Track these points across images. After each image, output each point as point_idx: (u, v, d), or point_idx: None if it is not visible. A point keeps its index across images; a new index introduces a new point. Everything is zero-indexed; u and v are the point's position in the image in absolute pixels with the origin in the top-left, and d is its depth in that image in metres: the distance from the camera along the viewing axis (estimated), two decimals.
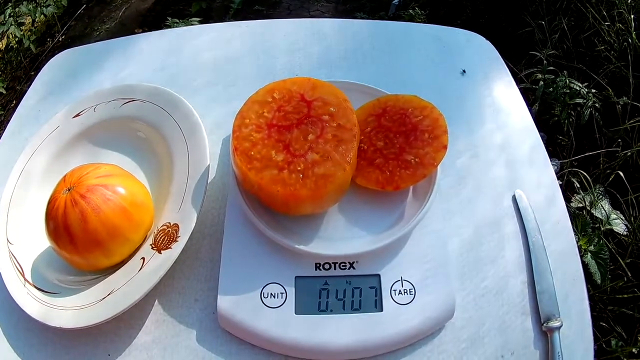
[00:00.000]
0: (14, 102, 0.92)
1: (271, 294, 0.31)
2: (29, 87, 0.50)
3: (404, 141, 0.34)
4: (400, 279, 0.31)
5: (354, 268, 0.32)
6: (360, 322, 0.30)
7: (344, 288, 0.31)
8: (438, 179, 0.34)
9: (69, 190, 0.32)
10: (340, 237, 0.32)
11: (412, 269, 0.32)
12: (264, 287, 0.31)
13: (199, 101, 0.41)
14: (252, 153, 0.30)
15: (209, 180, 0.35)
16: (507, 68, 0.50)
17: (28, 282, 0.34)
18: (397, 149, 0.34)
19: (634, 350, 0.60)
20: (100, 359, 0.32)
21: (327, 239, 0.32)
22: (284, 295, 0.31)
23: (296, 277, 0.31)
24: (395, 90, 0.39)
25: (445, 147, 0.34)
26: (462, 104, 0.46)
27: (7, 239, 0.36)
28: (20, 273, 0.35)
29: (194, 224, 0.32)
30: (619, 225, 0.63)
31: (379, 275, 0.31)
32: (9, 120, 0.47)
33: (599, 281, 0.59)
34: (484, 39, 0.53)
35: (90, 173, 0.33)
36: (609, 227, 0.62)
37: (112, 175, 0.33)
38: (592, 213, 0.63)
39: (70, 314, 0.32)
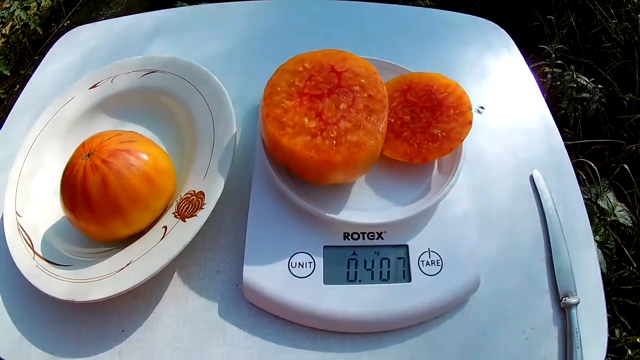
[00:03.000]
0: (18, 86, 0.90)
1: (299, 263, 0.30)
2: (33, 71, 0.49)
3: (430, 116, 0.35)
4: (427, 250, 0.31)
5: (382, 238, 0.31)
6: (389, 293, 0.30)
7: (372, 258, 0.31)
8: (464, 153, 0.34)
9: (88, 155, 0.31)
10: (368, 208, 0.32)
11: (439, 241, 0.32)
12: (291, 257, 0.31)
13: (218, 75, 0.40)
14: (285, 120, 0.29)
15: None
16: (520, 54, 0.50)
17: (38, 254, 0.33)
18: (424, 123, 0.34)
19: (638, 340, 0.61)
20: (114, 335, 0.31)
21: (355, 209, 0.32)
22: (312, 265, 0.31)
23: (324, 246, 0.31)
24: (413, 70, 0.39)
25: (470, 122, 0.34)
26: (478, 87, 0.46)
27: (16, 212, 0.35)
28: (30, 246, 0.34)
29: (221, 190, 0.31)
30: (624, 217, 0.65)
31: (407, 246, 0.31)
32: (12, 105, 0.46)
33: (604, 270, 0.59)
34: (498, 26, 0.54)
35: (113, 138, 0.32)
36: (614, 218, 0.63)
37: (135, 141, 0.33)
38: (598, 204, 0.64)
39: (84, 286, 0.30)
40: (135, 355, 0.31)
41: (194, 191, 0.32)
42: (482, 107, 0.38)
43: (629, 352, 0.61)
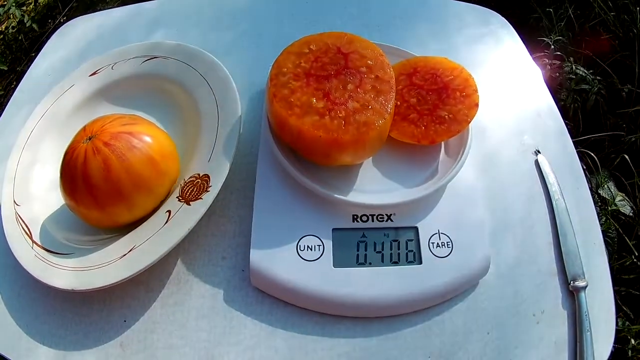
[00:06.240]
0: (15, 83, 0.89)
1: (308, 246, 0.30)
2: (29, 68, 0.48)
3: (436, 98, 0.34)
4: (437, 232, 0.31)
5: (391, 220, 0.31)
6: (400, 275, 0.30)
7: (382, 241, 0.30)
8: (471, 135, 0.34)
9: (90, 139, 0.30)
10: (376, 190, 0.32)
11: (448, 223, 0.32)
12: (300, 240, 0.30)
13: (220, 61, 0.39)
14: (292, 100, 0.29)
15: None
16: (522, 42, 0.51)
17: (36, 243, 0.32)
18: (431, 106, 0.34)
19: None
20: (116, 326, 0.31)
21: (363, 191, 0.31)
22: (321, 247, 0.30)
23: (333, 229, 0.30)
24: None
25: (477, 105, 0.34)
26: (481, 73, 0.46)
27: (15, 201, 0.35)
28: (28, 235, 0.33)
29: (227, 173, 0.31)
30: (625, 207, 0.65)
31: (416, 228, 0.31)
32: (8, 101, 0.45)
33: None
34: (499, 14, 0.54)
35: (115, 121, 0.31)
36: (615, 207, 0.63)
37: (138, 124, 0.32)
38: (599, 193, 0.64)
39: (85, 275, 0.30)
40: (137, 346, 0.30)
41: (199, 174, 0.32)
42: (538, 151, 0.38)
43: (632, 341, 0.61)
